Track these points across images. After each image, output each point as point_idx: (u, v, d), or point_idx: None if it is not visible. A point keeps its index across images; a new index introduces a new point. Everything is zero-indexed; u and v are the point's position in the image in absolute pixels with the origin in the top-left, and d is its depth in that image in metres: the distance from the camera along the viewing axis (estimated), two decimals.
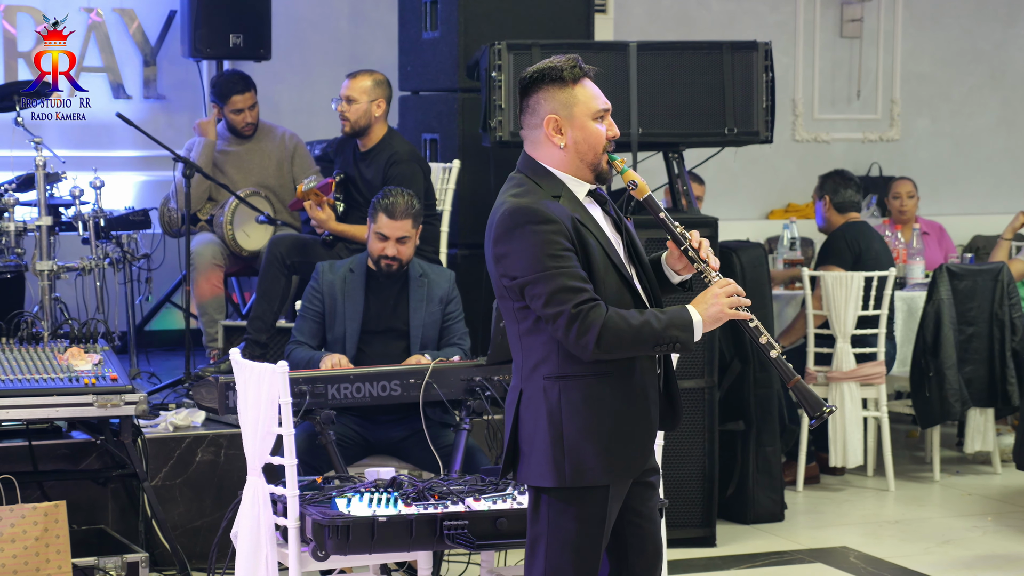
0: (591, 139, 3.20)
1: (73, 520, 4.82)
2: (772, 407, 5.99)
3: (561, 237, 3.11)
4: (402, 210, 5.02)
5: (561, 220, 3.13)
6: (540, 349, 3.18)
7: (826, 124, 9.03)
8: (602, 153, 3.22)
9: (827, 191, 6.72)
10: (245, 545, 4.01)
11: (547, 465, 3.16)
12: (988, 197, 9.08)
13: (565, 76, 3.18)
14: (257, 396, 4.02)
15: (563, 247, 3.11)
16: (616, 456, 3.17)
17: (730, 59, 5.66)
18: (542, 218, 3.12)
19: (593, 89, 3.22)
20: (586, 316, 3.08)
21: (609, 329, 3.08)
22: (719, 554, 5.53)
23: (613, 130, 3.23)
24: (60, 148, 6.31)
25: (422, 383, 4.76)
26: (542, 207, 3.14)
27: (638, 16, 8.51)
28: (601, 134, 3.21)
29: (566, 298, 3.09)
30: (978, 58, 9.28)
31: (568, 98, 3.19)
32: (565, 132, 3.20)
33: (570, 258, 3.11)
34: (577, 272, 3.11)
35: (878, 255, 6.56)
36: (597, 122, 3.21)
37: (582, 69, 3.21)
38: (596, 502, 3.18)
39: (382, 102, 5.84)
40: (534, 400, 3.19)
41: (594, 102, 3.20)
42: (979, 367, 6.59)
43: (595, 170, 3.22)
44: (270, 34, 7.22)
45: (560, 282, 3.09)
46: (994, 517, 6.09)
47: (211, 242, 6.37)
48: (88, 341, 5.19)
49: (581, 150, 3.20)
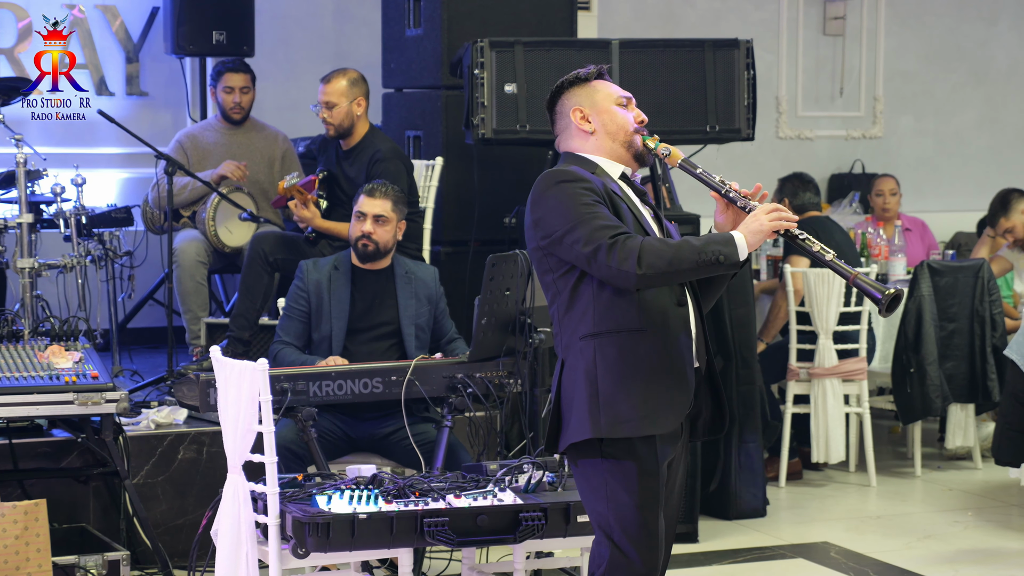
0: (618, 120, 3.40)
1: (54, 518, 4.81)
2: (754, 403, 6.00)
3: (590, 192, 3.29)
4: (380, 190, 5.04)
5: (593, 181, 3.31)
6: (578, 317, 3.30)
7: (809, 121, 9.05)
8: (633, 133, 3.39)
9: (786, 194, 6.81)
10: (225, 543, 4.01)
11: (585, 419, 3.27)
12: (970, 194, 9.10)
13: (582, 77, 3.45)
14: (238, 393, 4.02)
15: (594, 199, 3.27)
16: (651, 409, 3.25)
17: (712, 57, 5.68)
18: (573, 177, 3.30)
19: (612, 85, 3.46)
20: (624, 243, 3.20)
21: (647, 250, 3.19)
22: (701, 550, 5.54)
23: (641, 115, 3.42)
24: (41, 145, 6.29)
25: (404, 380, 4.76)
26: (574, 169, 3.33)
27: (623, 14, 8.52)
28: (627, 116, 3.40)
29: (603, 233, 3.21)
30: (961, 56, 9.31)
31: (589, 91, 3.43)
32: (592, 119, 3.41)
33: (601, 208, 3.26)
34: (610, 216, 3.26)
35: (840, 247, 6.57)
36: (620, 107, 3.41)
37: (599, 71, 3.45)
38: (645, 456, 3.25)
39: (361, 99, 5.85)
40: (573, 365, 3.31)
41: (614, 91, 3.44)
42: (960, 363, 6.62)
43: (630, 149, 3.40)
44: (253, 31, 7.21)
45: (596, 223, 3.22)
46: (974, 512, 6.12)
47: (194, 239, 6.36)
48: (69, 339, 5.18)
49: (611, 131, 3.39)
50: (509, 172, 6.39)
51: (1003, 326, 6.64)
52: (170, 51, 7.20)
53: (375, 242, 5.03)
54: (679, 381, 3.29)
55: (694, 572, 5.30)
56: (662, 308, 3.28)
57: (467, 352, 4.92)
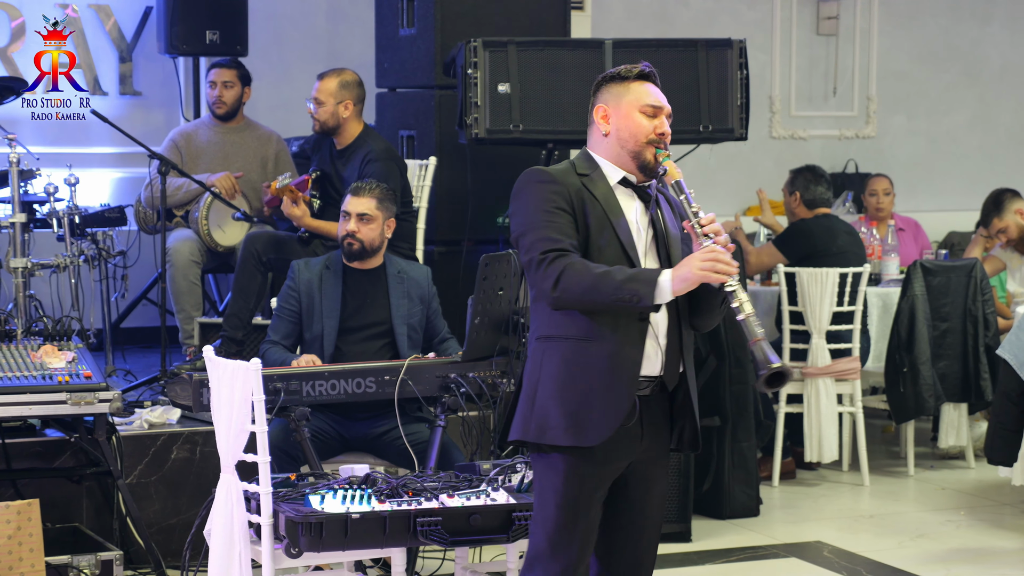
0: (632, 127, 3.35)
1: (47, 518, 4.81)
2: (747, 403, 6.01)
3: (559, 197, 3.28)
4: (366, 189, 5.05)
5: (565, 183, 3.30)
6: (537, 318, 3.34)
7: (803, 121, 9.06)
8: (646, 144, 3.34)
9: (798, 187, 6.74)
10: (218, 542, 4.01)
11: (520, 420, 3.32)
12: (963, 194, 9.12)
13: (623, 74, 3.39)
14: (231, 393, 4.02)
15: (557, 205, 3.27)
16: (580, 420, 3.25)
17: (705, 57, 5.68)
18: (545, 178, 3.32)
19: (651, 89, 3.38)
20: (552, 261, 3.22)
21: (568, 274, 3.20)
22: (695, 549, 5.55)
23: (662, 127, 3.35)
24: (34, 145, 6.29)
25: (397, 380, 4.76)
26: (548, 169, 3.34)
27: (616, 13, 8.53)
28: (644, 126, 3.35)
29: (541, 245, 3.25)
30: (954, 56, 9.33)
31: (621, 91, 3.38)
32: (611, 121, 3.37)
33: (562, 215, 3.26)
34: (564, 228, 3.26)
35: (843, 248, 6.58)
36: (644, 115, 3.35)
37: (644, 72, 3.39)
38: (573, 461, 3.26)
39: (349, 103, 5.86)
40: (529, 363, 3.36)
41: (646, 97, 3.37)
42: (953, 362, 6.63)
43: (636, 159, 3.35)
44: (247, 30, 7.21)
45: (541, 233, 3.25)
46: (967, 511, 6.13)
47: (188, 239, 6.36)
48: (62, 339, 5.18)
49: (622, 137, 3.36)
50: (502, 172, 6.38)
51: (996, 326, 6.65)
52: (163, 51, 7.19)
53: (360, 241, 5.03)
54: (618, 393, 3.26)
55: (688, 571, 5.30)
56: (614, 319, 3.25)
57: (460, 352, 4.93)
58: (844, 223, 6.83)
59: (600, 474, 3.31)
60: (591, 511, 3.31)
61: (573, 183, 3.31)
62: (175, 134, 6.65)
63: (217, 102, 6.55)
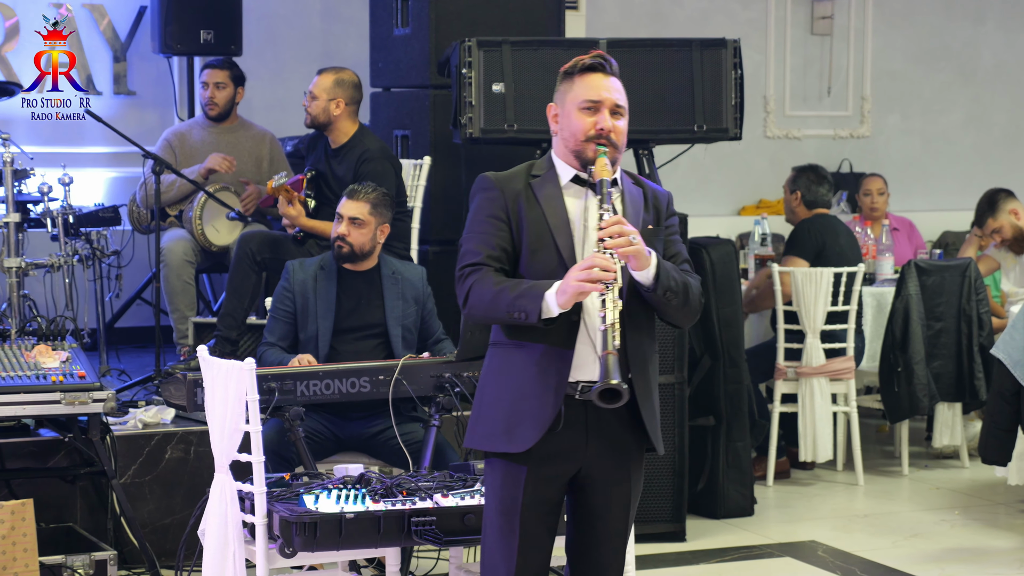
0: (572, 127, 3.31)
1: (41, 518, 4.80)
2: (742, 402, 6.01)
3: (494, 205, 3.29)
4: (361, 193, 5.05)
5: (503, 189, 3.30)
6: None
7: (797, 121, 9.06)
8: (584, 142, 3.29)
9: (800, 186, 6.74)
10: (213, 542, 4.01)
11: (469, 426, 3.37)
12: (957, 193, 9.13)
13: (569, 70, 3.35)
14: (225, 393, 4.02)
15: (490, 214, 3.29)
16: (510, 426, 3.25)
17: (699, 56, 5.68)
18: (485, 184, 3.34)
19: (593, 82, 3.32)
20: (466, 277, 3.26)
21: (475, 289, 3.23)
22: (689, 549, 5.55)
23: (603, 123, 3.29)
24: (28, 144, 6.28)
25: (391, 380, 4.76)
26: (491, 175, 3.35)
27: (610, 13, 8.53)
28: (583, 123, 3.30)
29: (462, 261, 3.30)
30: (948, 56, 9.34)
31: (566, 87, 3.35)
32: (559, 120, 3.35)
33: (493, 225, 3.28)
34: (491, 239, 3.27)
35: (843, 249, 6.59)
36: (584, 112, 3.30)
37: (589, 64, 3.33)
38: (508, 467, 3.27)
39: (340, 102, 5.86)
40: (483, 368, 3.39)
41: (585, 93, 3.31)
42: (947, 362, 6.63)
43: (579, 158, 3.32)
44: (241, 30, 7.20)
45: (468, 246, 3.30)
46: (961, 511, 6.14)
47: (182, 238, 6.36)
48: (56, 338, 5.17)
49: (565, 136, 3.33)
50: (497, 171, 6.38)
51: (990, 325, 6.66)
52: (158, 50, 7.18)
53: (349, 244, 5.03)
54: (543, 400, 3.22)
55: (682, 571, 5.30)
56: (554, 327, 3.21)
57: (454, 352, 4.92)
58: (843, 224, 6.84)
59: (538, 480, 3.26)
60: (532, 518, 3.27)
61: (515, 188, 3.30)
62: (169, 134, 6.64)
63: (209, 103, 6.55)
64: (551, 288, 3.17)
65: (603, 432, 3.29)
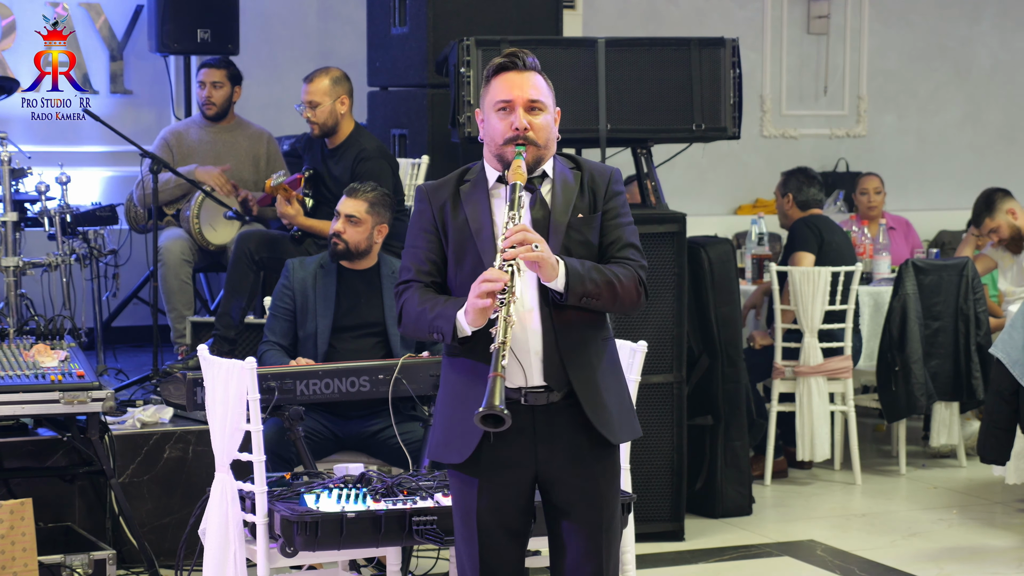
0: (491, 130, 3.27)
1: (39, 518, 4.79)
2: (740, 402, 6.01)
3: (423, 218, 3.30)
4: (360, 192, 5.05)
5: (430, 200, 3.29)
6: None
7: (794, 120, 9.07)
8: (503, 145, 3.23)
9: (791, 189, 6.76)
10: (213, 542, 4.00)
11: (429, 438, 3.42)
12: (954, 193, 9.15)
13: (487, 74, 3.28)
14: (225, 392, 4.01)
15: (421, 227, 3.30)
16: (449, 437, 3.26)
17: (698, 55, 5.68)
18: (418, 196, 3.34)
19: (505, 82, 3.24)
20: (400, 295, 3.29)
21: (404, 309, 3.28)
22: (687, 548, 5.55)
23: (517, 122, 3.22)
24: (26, 143, 6.27)
25: (391, 379, 4.76)
26: (423, 187, 3.34)
27: (607, 12, 8.54)
28: (499, 125, 3.24)
29: (399, 277, 3.33)
30: (944, 55, 9.35)
31: (484, 93, 3.30)
32: (483, 126, 3.30)
33: (423, 239, 3.29)
34: (420, 254, 3.29)
35: (839, 247, 6.60)
36: (499, 113, 3.24)
37: (499, 63, 3.26)
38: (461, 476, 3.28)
39: (344, 98, 5.85)
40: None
41: (497, 94, 3.25)
42: (944, 361, 6.64)
43: (501, 161, 3.27)
44: (238, 29, 7.20)
45: (404, 262, 3.32)
46: (959, 510, 6.14)
47: (179, 238, 6.35)
48: (54, 338, 5.16)
49: (487, 141, 3.30)
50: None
51: (987, 324, 6.67)
52: (154, 49, 7.17)
53: (344, 241, 5.03)
54: (469, 407, 3.15)
55: (680, 570, 5.31)
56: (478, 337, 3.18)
57: None
58: (836, 224, 6.85)
59: (493, 488, 3.25)
60: (490, 524, 3.26)
61: (442, 197, 3.28)
62: (166, 132, 6.63)
63: (206, 103, 6.54)
64: (462, 308, 3.15)
65: (553, 436, 3.25)
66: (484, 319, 3.11)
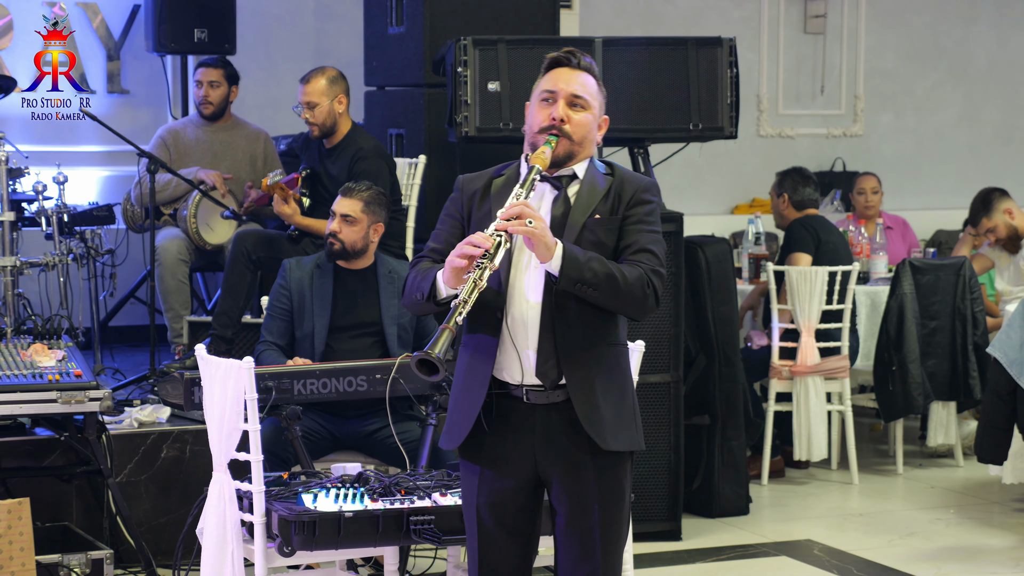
0: (531, 119, 3.32)
1: (37, 517, 4.79)
2: (737, 401, 6.02)
3: (453, 205, 3.36)
4: (355, 191, 5.05)
5: (463, 189, 3.35)
6: None
7: (790, 119, 9.08)
8: (538, 133, 3.27)
9: (786, 189, 6.76)
10: (211, 541, 4.00)
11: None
12: (950, 192, 9.16)
13: (543, 68, 3.32)
14: (223, 392, 4.01)
15: (448, 213, 3.36)
16: (451, 424, 3.32)
17: (695, 55, 5.69)
18: (455, 185, 3.39)
19: (554, 75, 3.29)
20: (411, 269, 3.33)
21: (406, 281, 3.33)
22: (685, 548, 5.56)
23: (557, 112, 3.25)
24: (23, 143, 6.27)
25: (388, 379, 4.76)
26: (462, 177, 3.38)
27: (604, 12, 8.54)
28: (539, 115, 3.28)
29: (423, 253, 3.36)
30: (940, 54, 9.36)
31: (536, 86, 3.33)
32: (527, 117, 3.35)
33: (446, 223, 3.35)
34: (440, 236, 3.33)
35: (836, 247, 6.60)
36: (542, 104, 3.29)
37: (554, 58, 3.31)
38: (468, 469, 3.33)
39: (342, 96, 5.86)
40: None
41: (544, 84, 3.29)
42: (942, 361, 6.64)
43: (534, 148, 3.29)
44: (235, 29, 7.19)
45: (429, 244, 3.36)
46: (956, 509, 6.15)
47: (176, 237, 6.35)
48: (52, 337, 5.16)
49: (527, 131, 3.33)
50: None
51: (984, 324, 6.67)
52: (151, 49, 7.17)
53: (340, 241, 5.03)
54: (471, 401, 3.25)
55: (678, 570, 5.31)
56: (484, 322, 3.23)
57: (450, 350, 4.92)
58: (832, 224, 6.85)
59: (493, 482, 3.27)
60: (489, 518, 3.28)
61: (474, 187, 3.32)
62: (163, 132, 6.63)
63: (204, 102, 6.54)
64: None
65: (549, 435, 3.25)
66: (458, 280, 3.14)
